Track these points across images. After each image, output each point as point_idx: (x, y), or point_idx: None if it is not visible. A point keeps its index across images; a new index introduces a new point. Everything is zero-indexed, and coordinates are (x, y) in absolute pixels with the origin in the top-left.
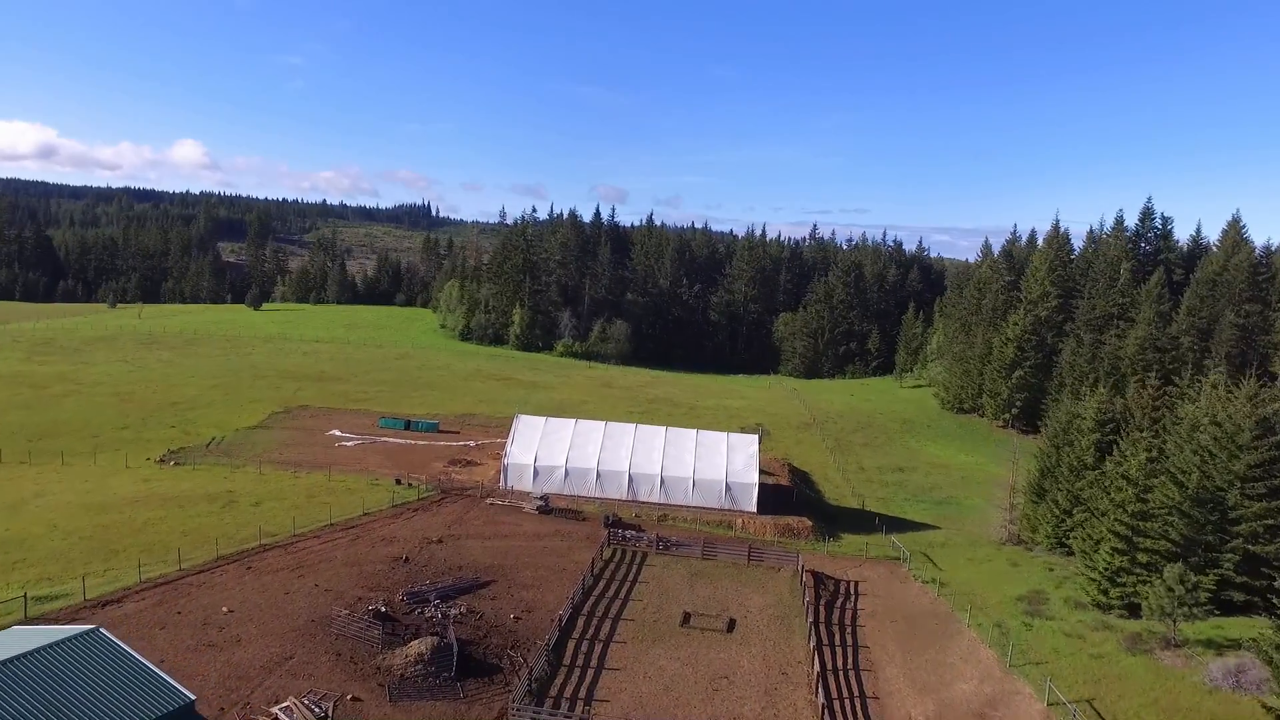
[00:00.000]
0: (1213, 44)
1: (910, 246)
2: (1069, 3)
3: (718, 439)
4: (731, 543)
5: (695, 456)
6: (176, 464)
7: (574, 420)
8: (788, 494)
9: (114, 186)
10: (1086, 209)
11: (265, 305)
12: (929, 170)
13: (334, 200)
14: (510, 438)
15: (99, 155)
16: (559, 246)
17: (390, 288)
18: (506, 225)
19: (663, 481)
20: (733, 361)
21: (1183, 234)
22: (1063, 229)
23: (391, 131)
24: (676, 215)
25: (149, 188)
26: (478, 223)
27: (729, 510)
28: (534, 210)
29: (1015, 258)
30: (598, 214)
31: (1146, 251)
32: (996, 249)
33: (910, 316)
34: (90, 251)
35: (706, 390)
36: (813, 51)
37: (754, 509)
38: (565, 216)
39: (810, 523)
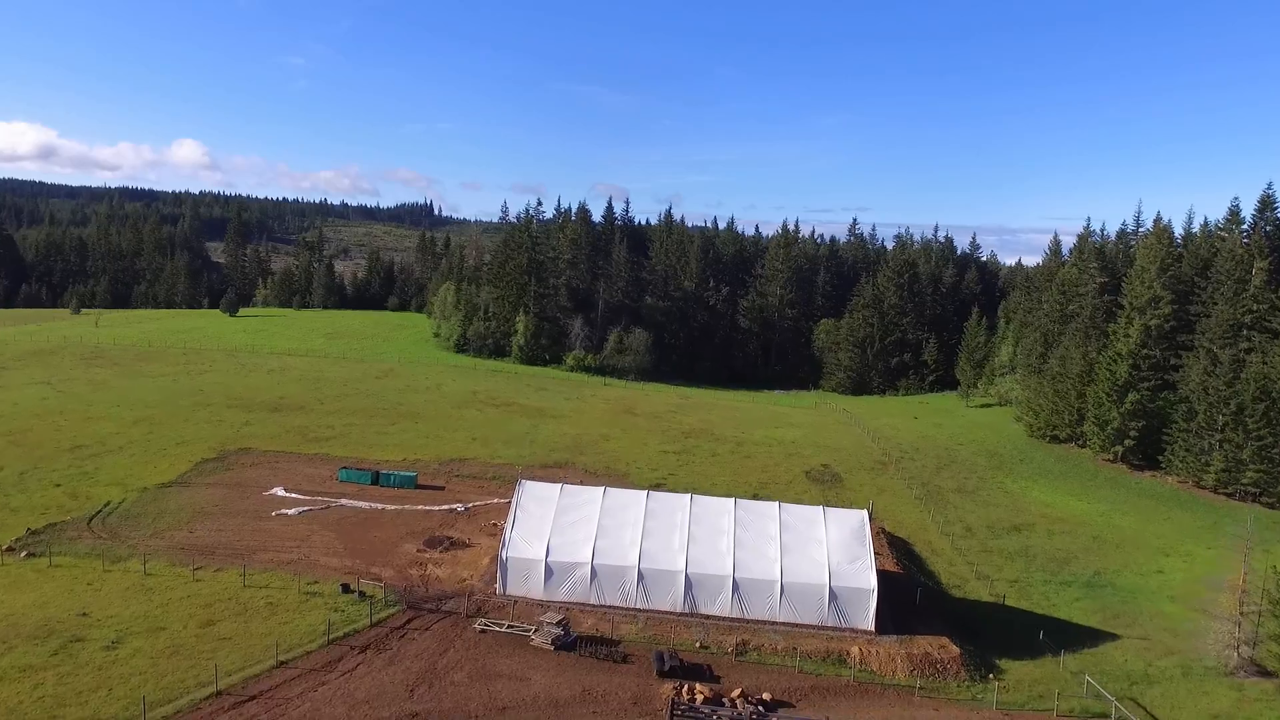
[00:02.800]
0: (1206, 42)
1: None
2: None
3: (810, 516)
4: (857, 699)
5: (781, 546)
6: (31, 554)
7: (601, 489)
8: (904, 588)
9: (111, 187)
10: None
11: (243, 310)
12: (930, 168)
13: (335, 200)
14: (510, 516)
15: (99, 156)
16: (569, 244)
17: (382, 290)
18: (509, 223)
19: (736, 586)
20: (766, 374)
21: None
22: (1164, 221)
23: (392, 131)
24: (681, 213)
25: (147, 188)
26: (479, 221)
27: (836, 631)
28: (539, 204)
29: (1108, 255)
30: (609, 208)
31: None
32: (1060, 246)
33: (974, 323)
34: (56, 252)
35: (749, 416)
36: (813, 50)
37: (872, 627)
38: (574, 211)
39: (956, 649)
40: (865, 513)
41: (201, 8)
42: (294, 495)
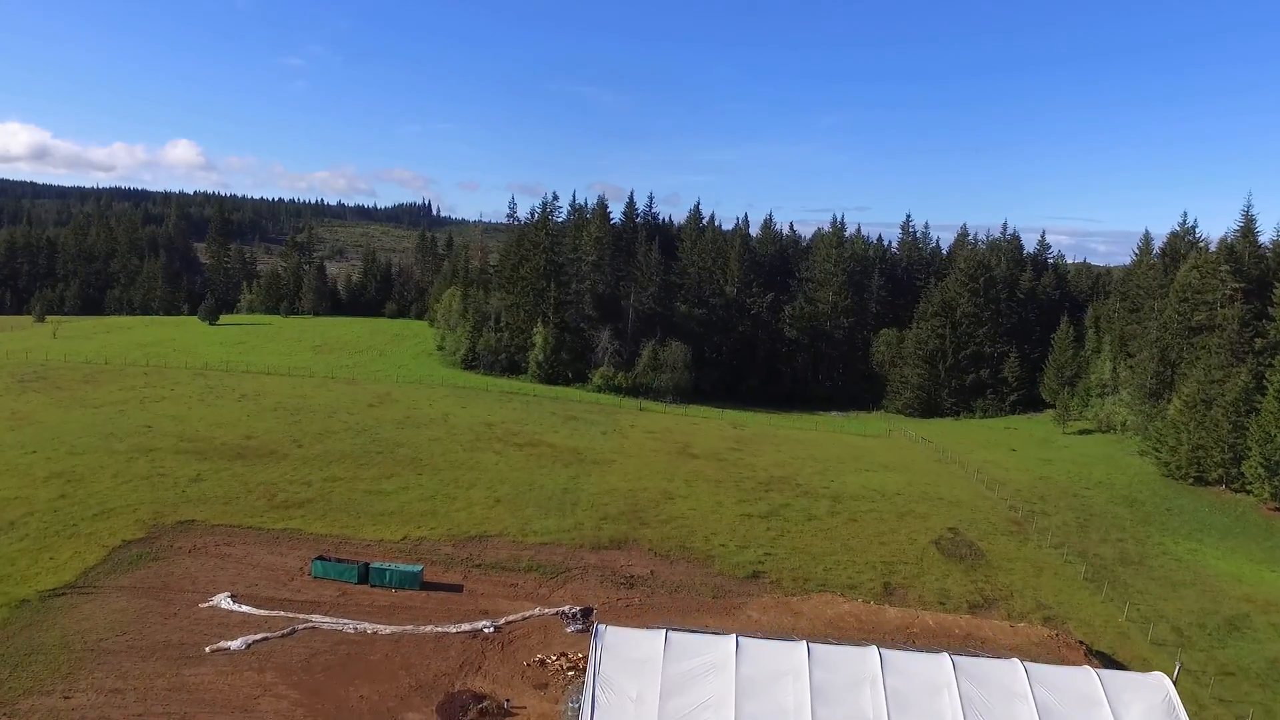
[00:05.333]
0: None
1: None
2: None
3: (1079, 691)
4: None
5: None
6: None
7: (732, 640)
8: None
9: (103, 187)
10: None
11: (225, 318)
12: (926, 169)
13: (331, 200)
14: (588, 697)
15: (92, 156)
16: (593, 244)
17: (379, 295)
18: (517, 224)
19: None
20: (817, 393)
21: None
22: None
23: (389, 131)
24: (680, 213)
25: (140, 188)
26: (480, 221)
27: None
28: (555, 198)
29: (1238, 255)
30: (630, 204)
31: None
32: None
33: (1063, 334)
34: (24, 254)
35: (828, 454)
36: (813, 49)
37: None
38: (591, 208)
39: None
40: (1168, 682)
41: (199, 8)
42: (244, 609)
